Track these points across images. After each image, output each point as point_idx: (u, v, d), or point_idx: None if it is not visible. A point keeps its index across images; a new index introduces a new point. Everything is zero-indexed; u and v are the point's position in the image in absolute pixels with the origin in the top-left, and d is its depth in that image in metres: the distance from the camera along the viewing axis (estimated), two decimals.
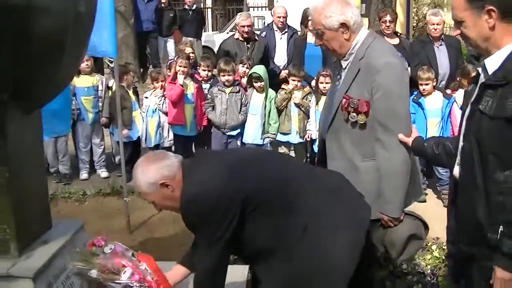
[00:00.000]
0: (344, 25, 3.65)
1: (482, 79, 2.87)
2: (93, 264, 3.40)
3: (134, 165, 3.34)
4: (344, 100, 3.71)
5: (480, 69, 2.91)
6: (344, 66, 3.84)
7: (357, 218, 3.29)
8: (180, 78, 7.90)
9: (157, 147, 8.37)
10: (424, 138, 3.68)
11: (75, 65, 3.70)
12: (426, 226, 3.87)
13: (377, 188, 3.73)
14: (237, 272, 4.60)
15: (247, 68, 8.31)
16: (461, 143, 2.96)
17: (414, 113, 7.64)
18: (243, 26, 8.92)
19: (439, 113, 7.55)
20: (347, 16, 3.65)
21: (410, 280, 4.89)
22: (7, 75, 3.04)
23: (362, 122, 3.69)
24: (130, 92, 8.48)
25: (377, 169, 3.75)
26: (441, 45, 8.20)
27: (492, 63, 2.80)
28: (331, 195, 3.32)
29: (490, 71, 2.80)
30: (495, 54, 2.79)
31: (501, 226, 2.70)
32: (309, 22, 8.37)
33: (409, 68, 8.10)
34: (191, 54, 8.88)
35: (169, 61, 9.33)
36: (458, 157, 3.01)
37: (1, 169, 3.19)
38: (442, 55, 8.22)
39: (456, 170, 3.04)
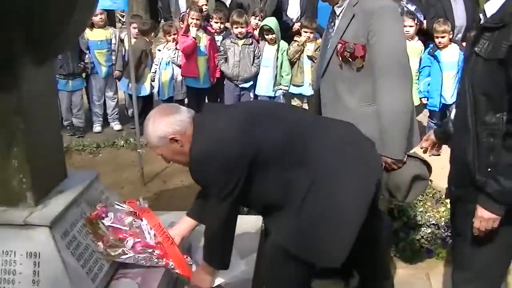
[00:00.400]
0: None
1: (481, 22, 2.88)
2: (98, 235, 3.49)
3: (146, 117, 3.34)
4: (340, 45, 3.71)
5: (481, 14, 2.91)
6: (338, 13, 3.82)
7: (368, 168, 3.29)
8: (193, 31, 7.88)
9: (170, 99, 8.39)
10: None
11: (88, 14, 3.66)
12: (429, 167, 3.87)
13: (373, 132, 3.69)
14: (251, 222, 4.65)
15: (259, 20, 8.27)
16: (458, 86, 3.01)
17: (430, 66, 7.58)
18: None
19: (455, 66, 7.47)
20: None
21: (424, 232, 4.89)
22: (21, 22, 3.02)
23: (360, 66, 3.68)
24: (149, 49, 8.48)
25: (373, 114, 3.76)
26: None
27: (491, 7, 2.81)
28: (342, 147, 3.31)
29: (488, 15, 2.82)
30: None
31: (489, 168, 2.77)
32: None
33: (424, 21, 8.02)
34: (204, 7, 8.82)
35: (182, 14, 9.29)
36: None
37: (16, 120, 3.19)
38: (458, 7, 8.11)
39: (453, 113, 3.15)
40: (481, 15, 2.90)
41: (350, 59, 3.68)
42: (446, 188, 3.30)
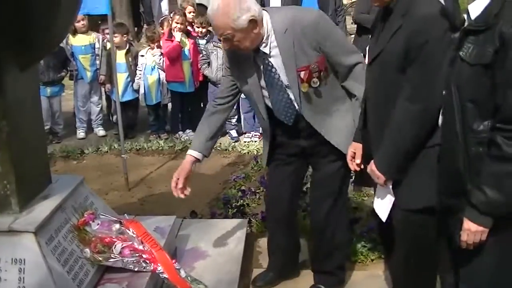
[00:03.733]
0: (252, 21, 3.44)
1: (465, 25, 2.76)
2: (86, 241, 3.49)
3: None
4: (303, 72, 3.59)
5: (465, 15, 2.78)
6: (269, 52, 3.64)
7: None
8: (178, 35, 7.89)
9: (158, 104, 8.41)
10: None
11: (70, 20, 3.67)
12: None
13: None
14: (237, 225, 4.68)
15: None
16: (443, 92, 2.86)
17: None
18: None
19: None
20: (252, 10, 3.45)
21: None
22: (4, 29, 3.02)
23: (327, 77, 3.65)
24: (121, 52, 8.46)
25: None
26: None
27: (475, 8, 2.69)
28: None
29: (473, 17, 2.69)
30: None
31: (477, 177, 2.65)
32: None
33: None
34: (191, 14, 8.81)
35: (162, 18, 9.33)
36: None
37: (0, 125, 3.19)
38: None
39: (440, 120, 2.99)
40: (465, 17, 2.77)
41: (317, 78, 3.61)
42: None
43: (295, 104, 3.72)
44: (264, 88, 3.78)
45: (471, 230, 2.70)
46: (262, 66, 3.70)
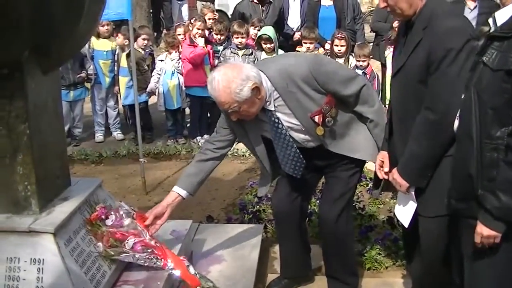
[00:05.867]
0: (255, 88, 3.48)
1: (490, 31, 2.79)
2: (98, 235, 3.55)
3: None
4: (317, 117, 3.63)
5: (491, 21, 2.81)
6: (274, 109, 3.68)
7: None
8: (201, 41, 7.94)
9: (177, 110, 8.47)
10: None
11: (93, 25, 3.71)
12: None
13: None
14: (252, 231, 4.70)
15: (258, 30, 8.30)
16: (462, 95, 2.89)
17: None
18: None
19: None
20: (252, 77, 3.49)
21: None
22: (28, 33, 3.08)
23: (336, 114, 3.70)
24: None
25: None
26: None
27: (503, 15, 2.73)
28: None
29: (499, 23, 2.73)
30: (508, 6, 2.71)
31: (491, 183, 2.68)
32: None
33: None
34: (211, 19, 8.89)
35: (178, 24, 9.42)
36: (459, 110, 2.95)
37: (22, 128, 3.24)
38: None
39: (456, 124, 3.00)
40: (491, 23, 2.81)
41: (331, 118, 3.66)
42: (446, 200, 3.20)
43: (300, 160, 3.79)
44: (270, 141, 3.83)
45: (484, 234, 2.74)
46: (269, 123, 3.74)
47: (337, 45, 7.57)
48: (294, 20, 9.24)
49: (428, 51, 3.16)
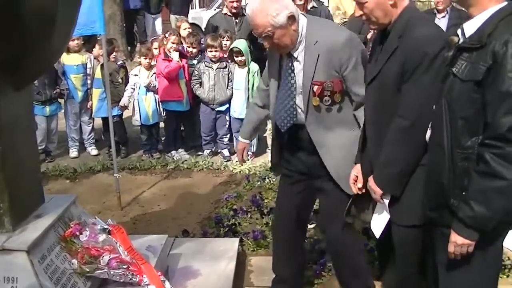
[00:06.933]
0: (290, 17, 3.58)
1: (459, 42, 2.85)
2: (73, 252, 3.53)
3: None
4: (316, 86, 3.67)
5: (460, 32, 2.88)
6: (296, 56, 3.74)
7: None
8: (175, 55, 7.93)
9: (155, 124, 8.48)
10: None
11: (65, 41, 3.71)
12: None
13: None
14: (228, 245, 4.70)
15: (227, 40, 8.31)
16: (433, 106, 2.95)
17: None
18: (232, 2, 8.90)
19: None
20: (289, 7, 3.60)
21: None
22: None
23: (338, 100, 3.71)
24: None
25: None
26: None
27: (470, 27, 2.79)
28: None
29: (467, 35, 2.80)
30: (475, 17, 2.77)
31: (463, 192, 2.74)
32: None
33: None
34: (187, 29, 8.88)
35: (152, 38, 9.37)
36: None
37: None
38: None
39: (428, 134, 3.06)
40: (459, 34, 2.88)
41: (330, 98, 3.69)
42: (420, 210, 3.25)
43: (298, 114, 3.81)
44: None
45: (458, 243, 2.79)
46: (284, 67, 3.82)
47: None
48: None
49: (403, 59, 3.20)
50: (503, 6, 2.74)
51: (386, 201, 3.42)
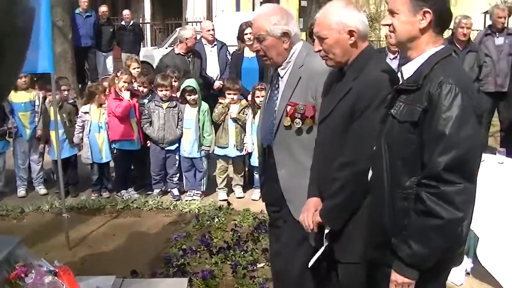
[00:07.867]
0: (286, 34, 3.79)
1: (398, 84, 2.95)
2: None
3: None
4: (290, 107, 3.78)
5: (399, 75, 2.98)
6: (282, 75, 3.93)
7: None
8: (126, 94, 7.93)
9: (107, 163, 8.43)
10: None
11: (13, 79, 3.69)
12: None
13: None
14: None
15: (174, 80, 8.34)
16: (374, 147, 3.02)
17: None
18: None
19: None
20: (290, 26, 3.81)
21: None
22: None
23: (309, 126, 3.78)
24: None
25: None
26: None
27: (409, 69, 2.89)
28: None
29: (405, 77, 2.89)
30: (413, 60, 2.88)
31: (403, 231, 2.79)
32: (246, 36, 8.53)
33: None
34: (136, 69, 8.90)
35: (103, 77, 9.36)
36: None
37: None
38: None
39: (370, 175, 3.12)
40: (399, 77, 2.98)
41: (300, 120, 3.77)
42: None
43: (273, 131, 3.91)
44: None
45: (398, 282, 2.83)
46: (271, 86, 4.03)
47: (258, 96, 7.64)
48: (213, 69, 9.43)
49: (355, 99, 3.29)
50: (440, 49, 2.87)
51: (326, 231, 3.46)
